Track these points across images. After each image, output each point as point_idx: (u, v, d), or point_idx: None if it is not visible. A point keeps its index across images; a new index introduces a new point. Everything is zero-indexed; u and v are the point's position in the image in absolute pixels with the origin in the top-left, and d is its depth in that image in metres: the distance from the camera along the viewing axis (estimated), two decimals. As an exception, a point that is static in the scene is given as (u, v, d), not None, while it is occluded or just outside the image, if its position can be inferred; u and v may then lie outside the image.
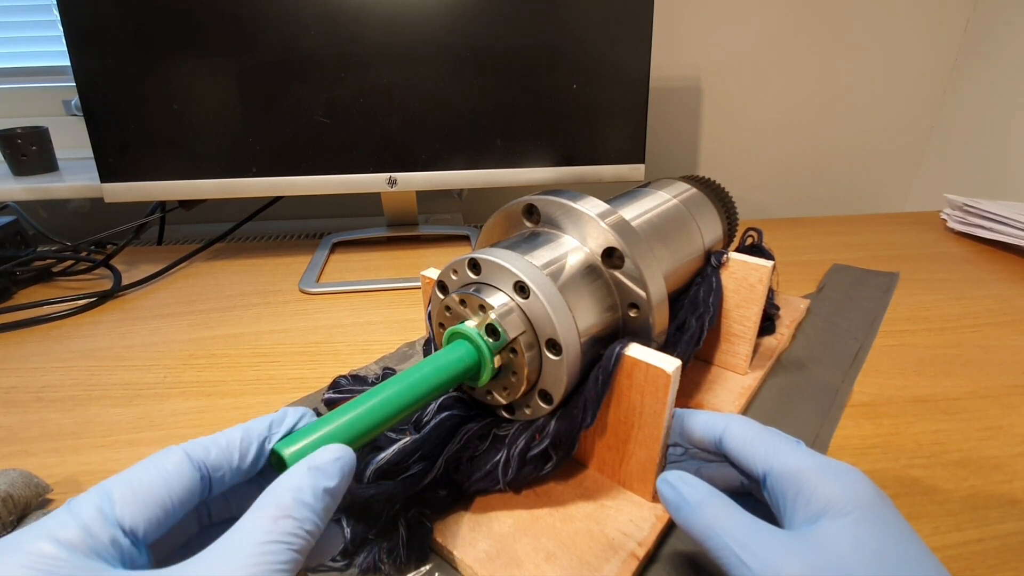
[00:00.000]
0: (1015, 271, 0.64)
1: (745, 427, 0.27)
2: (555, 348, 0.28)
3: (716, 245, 0.43)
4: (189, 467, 0.20)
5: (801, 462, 0.24)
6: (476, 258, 0.30)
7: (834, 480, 0.23)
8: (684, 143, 1.02)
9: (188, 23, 0.58)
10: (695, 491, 0.24)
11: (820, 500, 0.22)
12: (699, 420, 0.29)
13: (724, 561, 0.22)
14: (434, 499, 0.30)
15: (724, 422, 0.27)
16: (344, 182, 0.65)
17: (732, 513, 0.23)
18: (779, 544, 0.21)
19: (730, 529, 0.22)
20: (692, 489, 0.24)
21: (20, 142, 0.76)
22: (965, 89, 1.01)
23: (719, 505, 0.23)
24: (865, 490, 0.22)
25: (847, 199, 1.12)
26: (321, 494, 0.19)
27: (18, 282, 0.63)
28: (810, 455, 0.24)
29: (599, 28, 0.65)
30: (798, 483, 0.23)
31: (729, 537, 0.22)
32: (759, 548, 0.21)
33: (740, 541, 0.22)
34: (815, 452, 0.25)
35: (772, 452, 0.25)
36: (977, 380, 0.44)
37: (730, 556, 0.22)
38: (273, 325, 0.54)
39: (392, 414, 0.25)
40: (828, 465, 0.23)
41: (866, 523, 0.21)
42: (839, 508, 0.21)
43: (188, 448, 0.20)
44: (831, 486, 0.22)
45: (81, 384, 0.45)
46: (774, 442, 0.25)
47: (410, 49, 0.62)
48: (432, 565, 0.28)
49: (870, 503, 0.22)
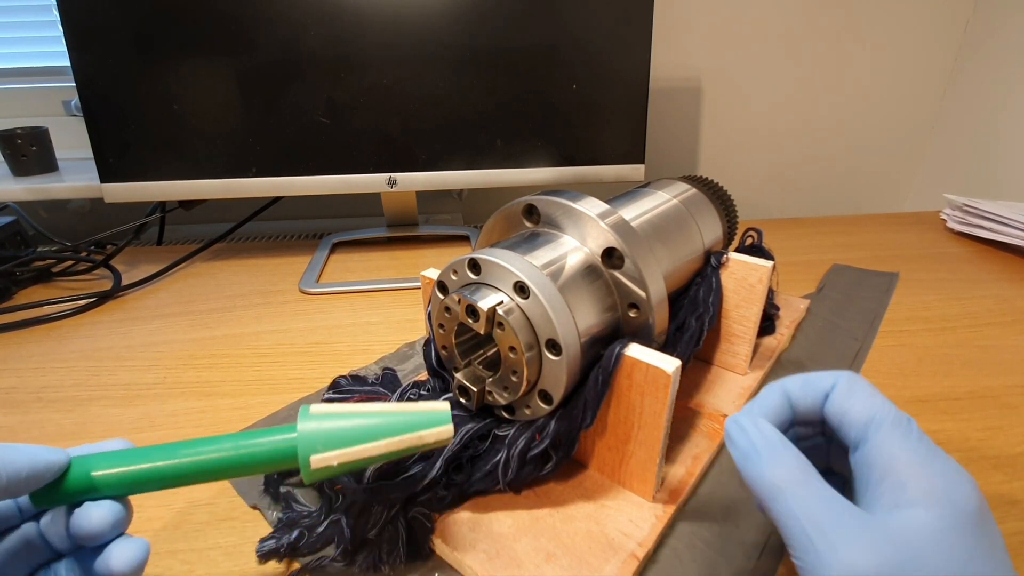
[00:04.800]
0: (1015, 271, 0.64)
1: (855, 384, 0.23)
2: (555, 348, 0.28)
3: (716, 245, 0.43)
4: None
5: (905, 442, 0.21)
6: (476, 258, 0.30)
7: (937, 472, 0.20)
8: (684, 143, 1.02)
9: (188, 23, 0.58)
10: (770, 441, 0.21)
11: (916, 490, 0.19)
12: (800, 380, 0.25)
13: (789, 532, 0.20)
14: (434, 499, 0.30)
15: (832, 379, 0.24)
16: (344, 182, 0.65)
17: (808, 479, 0.20)
18: (856, 528, 0.19)
19: (803, 498, 0.20)
20: (766, 438, 0.22)
21: (20, 142, 0.76)
22: (965, 89, 1.01)
23: (795, 466, 0.21)
24: (969, 494, 0.19)
25: (847, 199, 1.12)
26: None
27: (18, 282, 0.63)
28: (918, 437, 0.21)
29: (599, 28, 0.65)
30: (894, 463, 0.20)
31: (800, 507, 0.19)
32: (832, 528, 0.19)
33: (812, 515, 0.19)
34: (924, 436, 0.22)
35: (876, 421, 0.22)
36: (977, 380, 0.44)
37: (796, 529, 0.19)
38: (273, 325, 0.54)
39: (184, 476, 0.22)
40: (933, 454, 0.20)
41: (960, 530, 0.18)
42: (935, 506, 0.19)
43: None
44: (932, 479, 0.19)
45: (81, 384, 0.45)
46: (883, 410, 0.22)
47: (410, 49, 0.62)
48: (432, 565, 0.28)
49: (970, 510, 0.19)
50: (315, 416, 0.23)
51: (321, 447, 0.22)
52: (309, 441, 0.22)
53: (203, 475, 0.22)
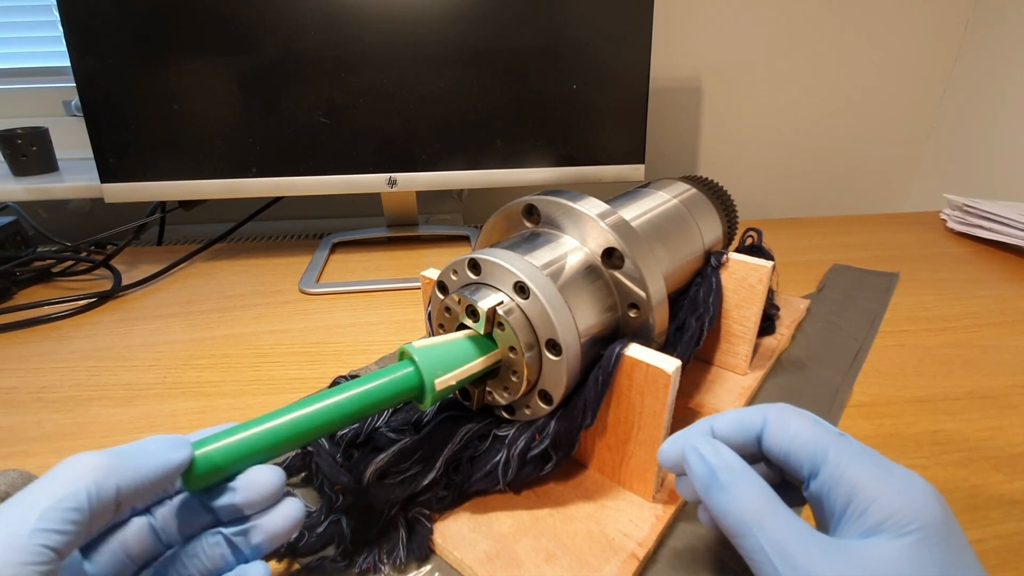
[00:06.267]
0: (1015, 271, 0.64)
1: (787, 418, 0.23)
2: (555, 348, 0.28)
3: (716, 245, 0.43)
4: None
5: (858, 465, 0.20)
6: (476, 258, 0.30)
7: (896, 491, 0.19)
8: (684, 143, 1.02)
9: (188, 23, 0.58)
10: (734, 470, 0.21)
11: (878, 513, 0.19)
12: (728, 419, 0.24)
13: (760, 567, 0.19)
14: (434, 499, 0.30)
15: (760, 417, 0.23)
16: (344, 182, 0.65)
17: (776, 511, 0.20)
18: (825, 558, 0.19)
19: (773, 532, 0.19)
20: (729, 467, 0.21)
21: (20, 142, 0.76)
22: (965, 89, 1.01)
23: (761, 497, 0.20)
24: (930, 506, 0.19)
25: (847, 199, 1.12)
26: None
27: (18, 282, 0.62)
28: (866, 455, 0.21)
29: (599, 28, 0.65)
30: (853, 489, 0.20)
31: (767, 538, 0.19)
32: (801, 559, 0.19)
33: (780, 546, 0.19)
34: (869, 450, 0.22)
35: (821, 450, 0.21)
36: (977, 380, 0.44)
37: (764, 560, 0.19)
38: (273, 325, 0.54)
39: (318, 427, 0.24)
40: (890, 472, 0.20)
41: (928, 546, 0.18)
42: (899, 525, 0.19)
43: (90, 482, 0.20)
44: (892, 498, 0.19)
45: (81, 384, 0.45)
46: (824, 437, 0.22)
47: (410, 49, 0.62)
48: (432, 565, 0.28)
49: (935, 522, 0.19)
50: (424, 348, 0.27)
51: (440, 371, 0.27)
52: (430, 368, 0.26)
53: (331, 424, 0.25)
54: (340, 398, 0.25)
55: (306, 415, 0.24)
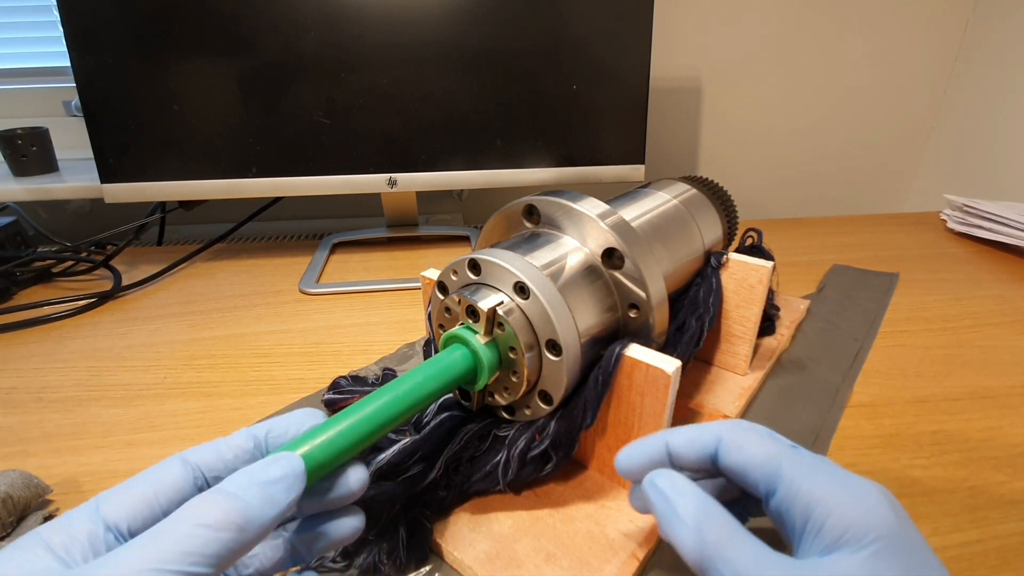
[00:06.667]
0: (1015, 271, 0.64)
1: (740, 437, 0.23)
2: (555, 349, 0.28)
3: (716, 246, 0.43)
4: (179, 469, 0.20)
5: (810, 481, 0.20)
6: (476, 259, 0.30)
7: (850, 504, 0.19)
8: (684, 143, 1.02)
9: (188, 23, 0.58)
10: (690, 503, 0.21)
11: (835, 529, 0.19)
12: (684, 437, 0.24)
13: None
14: (434, 500, 0.30)
15: (715, 434, 0.23)
16: (344, 183, 0.65)
17: (732, 538, 0.20)
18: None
19: (731, 560, 0.19)
20: (686, 500, 0.21)
21: (20, 142, 0.76)
22: (965, 89, 1.01)
23: (719, 526, 0.20)
24: (884, 515, 0.19)
25: (847, 199, 1.12)
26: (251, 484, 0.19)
27: (18, 282, 0.62)
28: (820, 468, 0.21)
29: (599, 28, 0.65)
30: (808, 506, 0.20)
31: (729, 571, 0.19)
32: None
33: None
34: (824, 460, 0.22)
35: (775, 469, 0.21)
36: (977, 380, 0.44)
37: None
38: (273, 326, 0.54)
39: (393, 418, 0.25)
40: (842, 484, 0.20)
41: (885, 556, 0.18)
42: (856, 539, 0.19)
43: (185, 453, 0.21)
44: (846, 511, 0.19)
45: (81, 385, 0.45)
46: (777, 455, 0.22)
47: (410, 49, 0.62)
48: (432, 566, 0.28)
49: (891, 532, 0.19)
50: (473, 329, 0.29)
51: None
52: (484, 351, 0.28)
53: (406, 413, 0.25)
54: (409, 386, 0.26)
55: (384, 405, 0.25)
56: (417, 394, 0.26)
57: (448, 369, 0.27)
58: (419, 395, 0.26)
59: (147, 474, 0.20)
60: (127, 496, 0.19)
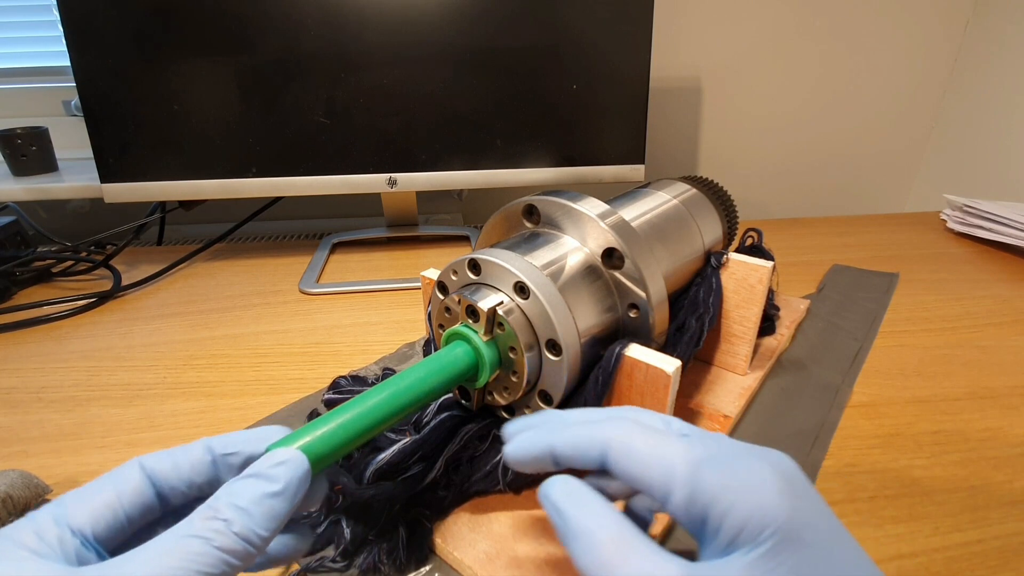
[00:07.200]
0: (1015, 271, 0.64)
1: (626, 441, 0.21)
2: (555, 349, 0.28)
3: (716, 245, 0.43)
4: (140, 475, 0.20)
5: (704, 480, 0.19)
6: (476, 259, 0.30)
7: (743, 499, 0.18)
8: (684, 143, 1.02)
9: (188, 23, 0.58)
10: (582, 517, 0.20)
11: (731, 529, 0.18)
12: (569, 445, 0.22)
13: None
14: (434, 500, 0.30)
15: (601, 443, 0.21)
16: (344, 182, 0.65)
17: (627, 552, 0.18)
18: None
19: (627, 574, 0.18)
20: (578, 514, 0.20)
21: (20, 142, 0.76)
22: (965, 89, 1.01)
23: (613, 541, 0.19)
24: (777, 508, 0.17)
25: (847, 199, 1.12)
26: (260, 498, 0.19)
27: (18, 282, 0.62)
28: (714, 461, 0.19)
29: (599, 28, 0.65)
30: (705, 508, 0.18)
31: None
32: None
33: None
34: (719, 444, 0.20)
35: (667, 471, 0.20)
36: (977, 380, 0.44)
37: None
38: (273, 325, 0.54)
39: (390, 415, 0.25)
40: (737, 477, 0.19)
41: (779, 553, 0.17)
42: (751, 536, 0.17)
43: (143, 459, 0.21)
44: (740, 509, 0.18)
45: (81, 384, 0.45)
46: (668, 455, 0.20)
47: (410, 49, 0.62)
48: (432, 566, 0.28)
49: (784, 526, 0.17)
50: (475, 329, 0.29)
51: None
52: (486, 348, 0.28)
53: (405, 409, 0.25)
54: (410, 380, 0.26)
55: (385, 399, 0.25)
56: (419, 389, 0.26)
57: (450, 365, 0.27)
58: (421, 390, 0.26)
59: (109, 480, 0.20)
60: (91, 501, 0.19)
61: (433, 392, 0.27)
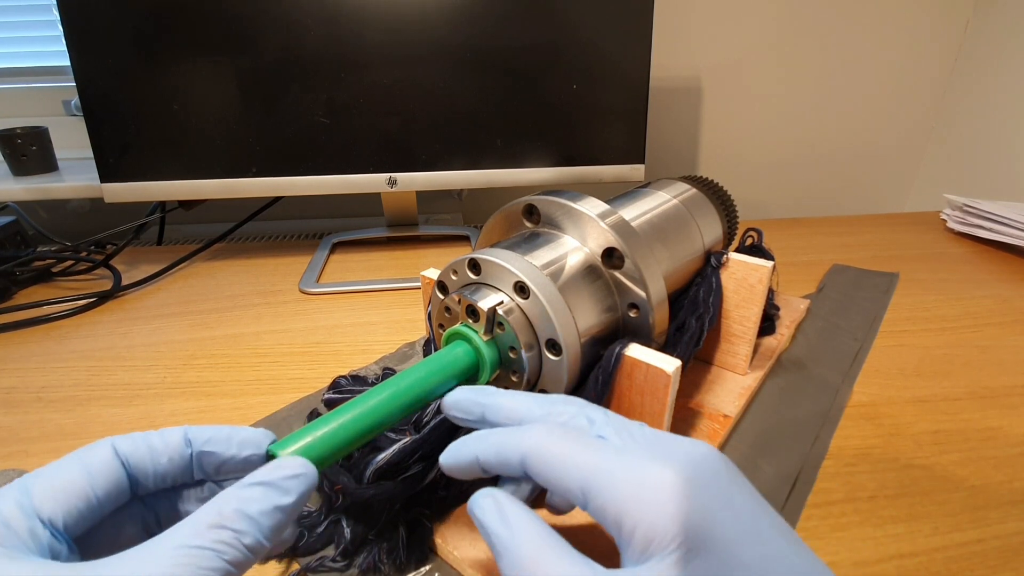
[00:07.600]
0: (1015, 271, 0.64)
1: (543, 450, 0.21)
2: (555, 348, 0.28)
3: (716, 245, 0.43)
4: (114, 461, 0.19)
5: (616, 489, 0.19)
6: (476, 258, 0.30)
7: (653, 506, 0.18)
8: (684, 143, 1.02)
9: (188, 23, 0.58)
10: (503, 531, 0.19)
11: (642, 540, 0.18)
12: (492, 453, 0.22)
13: None
14: (434, 499, 0.30)
15: (519, 452, 0.21)
16: (344, 182, 0.65)
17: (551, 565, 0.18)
18: None
19: None
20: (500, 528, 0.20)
21: (20, 142, 0.76)
22: (965, 89, 1.01)
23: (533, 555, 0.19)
24: (676, 515, 0.17)
25: (847, 199, 1.12)
26: (271, 511, 0.18)
27: (18, 282, 0.62)
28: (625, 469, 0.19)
29: (599, 28, 0.65)
30: (618, 518, 0.18)
31: None
32: None
33: None
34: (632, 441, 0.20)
35: (583, 479, 0.19)
36: (977, 380, 0.44)
37: None
38: (273, 325, 0.54)
39: (391, 415, 0.25)
40: (646, 484, 0.18)
41: (687, 562, 0.17)
42: (662, 546, 0.17)
43: (116, 441, 0.20)
44: (650, 518, 0.18)
45: (81, 384, 0.45)
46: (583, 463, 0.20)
47: (410, 49, 0.62)
48: (432, 566, 0.28)
49: (688, 534, 0.17)
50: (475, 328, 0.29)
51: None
52: (486, 348, 0.28)
53: (404, 410, 0.25)
54: (411, 380, 0.26)
55: (386, 399, 0.25)
56: (419, 389, 0.26)
57: (450, 364, 0.27)
58: (421, 390, 0.26)
59: (78, 462, 0.19)
60: (57, 486, 0.18)
61: (433, 392, 0.27)
